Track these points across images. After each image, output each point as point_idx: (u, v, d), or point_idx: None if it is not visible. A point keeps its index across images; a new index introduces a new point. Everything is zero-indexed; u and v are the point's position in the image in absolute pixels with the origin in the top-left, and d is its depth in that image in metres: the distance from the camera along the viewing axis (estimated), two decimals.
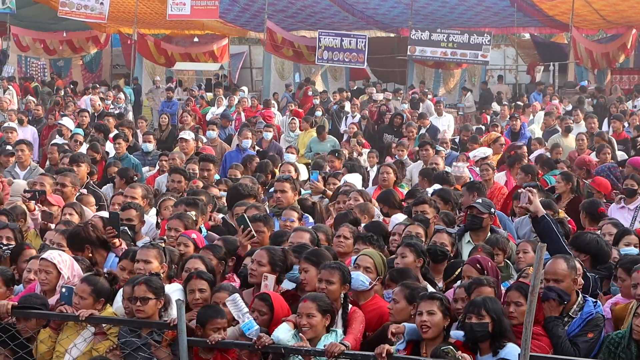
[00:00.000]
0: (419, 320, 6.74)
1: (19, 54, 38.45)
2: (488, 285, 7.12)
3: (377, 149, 19.20)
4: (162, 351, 7.04)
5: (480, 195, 10.81)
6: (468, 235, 9.55)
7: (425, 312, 6.72)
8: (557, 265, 7.11)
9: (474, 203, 9.63)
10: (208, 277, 7.65)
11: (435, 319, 6.72)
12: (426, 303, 6.76)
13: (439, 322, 6.73)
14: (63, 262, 7.81)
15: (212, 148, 16.56)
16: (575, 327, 7.01)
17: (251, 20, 37.36)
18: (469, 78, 38.25)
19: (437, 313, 6.72)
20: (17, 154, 14.59)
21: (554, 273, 7.09)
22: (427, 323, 6.70)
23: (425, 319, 6.70)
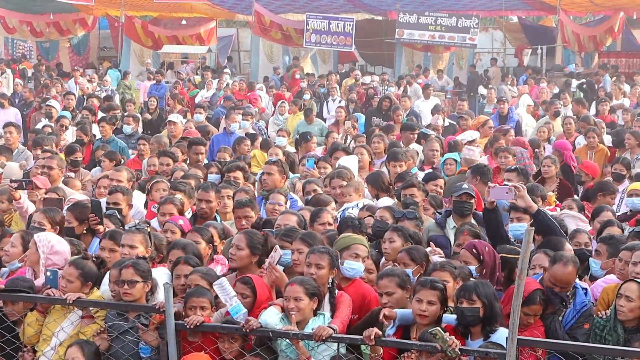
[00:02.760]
0: (417, 308, 6.72)
1: (5, 36, 38.32)
2: (442, 270, 7.14)
3: (365, 133, 19.16)
4: (150, 334, 7.03)
5: (484, 179, 10.79)
6: (452, 220, 9.51)
7: (426, 301, 6.70)
8: (570, 274, 7.12)
9: (466, 189, 9.57)
10: (195, 262, 7.64)
11: (434, 309, 6.71)
12: (427, 292, 6.73)
13: (436, 311, 6.73)
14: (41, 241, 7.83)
15: (197, 131, 16.50)
16: (570, 319, 7.05)
17: (239, 3, 37.26)
18: (457, 61, 38.23)
19: (436, 303, 6.71)
20: (5, 136, 14.54)
21: (567, 282, 7.12)
22: (425, 313, 6.70)
23: (425, 309, 6.69)
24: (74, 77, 28.93)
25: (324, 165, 12.76)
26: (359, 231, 8.41)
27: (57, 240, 7.95)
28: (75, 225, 8.82)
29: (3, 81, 28.63)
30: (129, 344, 7.09)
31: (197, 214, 9.76)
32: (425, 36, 34.42)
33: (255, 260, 7.60)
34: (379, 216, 9.15)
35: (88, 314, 7.33)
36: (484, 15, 37.46)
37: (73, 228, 8.79)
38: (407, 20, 34.30)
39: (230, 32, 42.44)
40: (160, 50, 36.64)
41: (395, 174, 11.94)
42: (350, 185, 10.63)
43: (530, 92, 26.56)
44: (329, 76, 30.71)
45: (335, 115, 20.59)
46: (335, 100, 24.34)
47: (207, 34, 38.65)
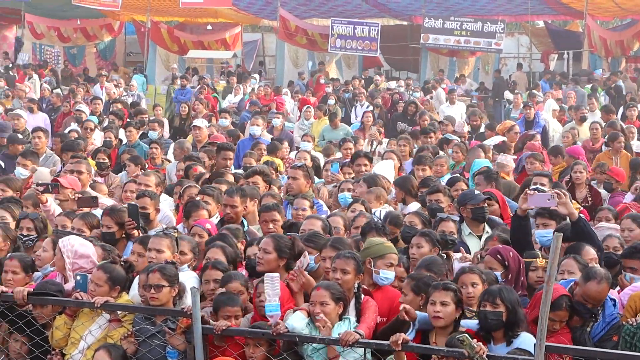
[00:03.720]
0: (432, 310, 6.73)
1: (33, 42, 38.60)
2: (471, 272, 7.16)
3: (390, 137, 19.15)
4: (177, 338, 7.06)
5: (498, 186, 10.77)
6: (466, 227, 9.49)
7: (439, 302, 6.71)
8: (603, 291, 7.04)
9: (486, 196, 9.55)
10: (224, 267, 7.67)
11: (448, 310, 6.71)
12: (440, 293, 6.74)
13: (451, 313, 6.72)
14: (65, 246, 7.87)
15: (223, 136, 16.53)
16: (600, 331, 7.00)
17: (264, 8, 37.33)
18: (483, 66, 38.13)
19: (450, 304, 6.71)
20: (33, 141, 14.62)
21: (599, 299, 7.04)
22: (439, 314, 6.70)
23: (439, 309, 6.70)
24: (100, 82, 29.05)
25: (348, 171, 12.77)
26: (382, 234, 8.41)
27: (80, 243, 7.98)
28: (115, 230, 8.84)
29: (30, 86, 28.77)
30: (156, 348, 7.11)
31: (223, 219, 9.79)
32: (450, 41, 34.36)
33: (283, 264, 7.61)
34: (408, 222, 9.14)
35: (116, 318, 7.37)
36: (510, 20, 37.35)
37: (114, 233, 8.81)
38: (432, 25, 34.26)
39: (256, 37, 42.55)
40: (185, 56, 36.74)
41: (420, 177, 11.95)
42: (371, 192, 10.63)
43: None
44: (353, 81, 30.69)
45: (362, 120, 20.53)
46: (363, 106, 24.34)
47: (233, 39, 38.77)
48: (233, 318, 7.02)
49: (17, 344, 7.56)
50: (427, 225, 9.09)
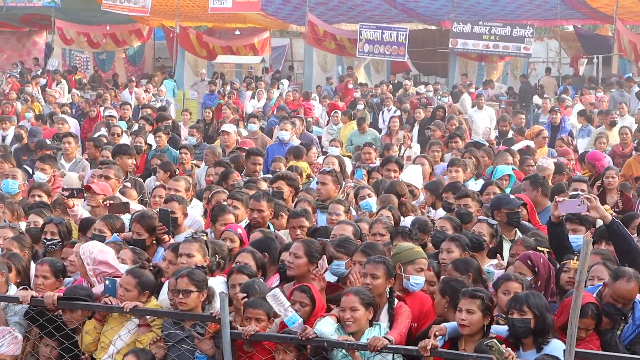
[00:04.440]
0: (458, 317, 6.71)
1: (63, 47, 38.85)
2: (516, 281, 7.10)
3: (419, 143, 19.15)
4: (205, 343, 7.08)
5: (545, 191, 10.73)
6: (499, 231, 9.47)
7: (465, 310, 6.69)
8: (633, 290, 6.95)
9: (521, 202, 9.54)
10: (250, 271, 7.68)
11: (474, 318, 6.67)
12: (467, 301, 6.71)
13: (477, 321, 6.68)
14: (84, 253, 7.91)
15: (252, 141, 16.56)
16: (630, 334, 6.92)
17: (292, 13, 37.39)
18: (512, 71, 37.97)
19: (476, 312, 6.67)
20: (63, 146, 14.70)
21: (629, 298, 6.96)
22: (465, 322, 6.68)
23: (464, 317, 6.67)
24: (129, 87, 29.20)
25: (377, 176, 12.77)
26: (409, 238, 8.40)
27: (99, 249, 7.99)
28: (145, 237, 8.85)
29: (59, 91, 28.99)
30: (185, 353, 7.12)
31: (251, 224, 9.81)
32: (479, 46, 34.27)
33: (313, 269, 7.60)
34: (439, 226, 9.12)
35: (145, 323, 7.39)
36: (539, 24, 37.14)
37: (144, 240, 8.82)
38: (461, 30, 34.18)
39: (284, 42, 42.60)
40: (214, 61, 36.86)
41: (453, 179, 11.95)
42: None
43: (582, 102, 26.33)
44: (381, 86, 30.68)
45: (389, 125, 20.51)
46: (391, 110, 24.31)
47: (261, 44, 38.81)
48: (254, 320, 7.01)
49: (47, 348, 7.60)
50: (458, 230, 9.07)
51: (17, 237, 8.84)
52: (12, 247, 8.61)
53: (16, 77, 32.84)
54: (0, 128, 19.52)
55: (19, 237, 8.86)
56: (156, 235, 8.97)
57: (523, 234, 9.22)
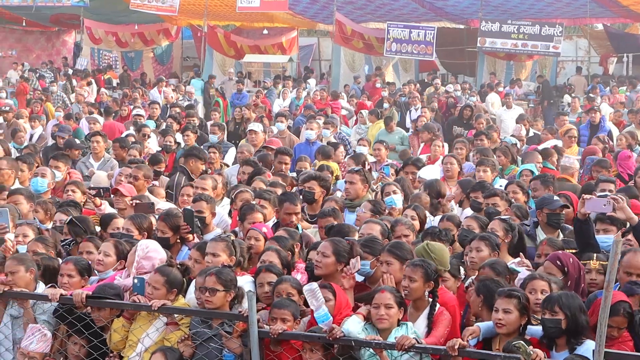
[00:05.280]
0: (495, 317, 6.70)
1: (91, 47, 39.05)
2: (541, 279, 7.07)
3: (447, 142, 19.10)
4: (233, 342, 7.08)
5: (555, 191, 10.70)
6: (541, 232, 9.44)
7: (502, 309, 6.67)
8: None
9: (563, 202, 9.52)
10: (277, 270, 7.69)
11: (511, 317, 6.65)
12: (503, 301, 6.70)
13: (514, 320, 6.66)
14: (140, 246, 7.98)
15: (279, 140, 16.58)
16: None
17: (320, 12, 37.38)
18: (540, 70, 37.80)
19: (513, 312, 6.65)
20: (92, 145, 14.77)
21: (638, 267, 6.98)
22: (502, 321, 6.66)
23: (501, 317, 6.65)
24: (159, 86, 29.30)
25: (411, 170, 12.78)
26: (438, 239, 8.37)
27: (155, 248, 8.06)
28: (170, 235, 8.86)
29: (89, 91, 29.14)
30: (213, 351, 7.13)
31: (279, 223, 9.80)
32: (507, 44, 34.11)
33: (341, 268, 7.58)
34: (466, 225, 9.09)
35: (173, 321, 7.40)
36: (568, 23, 36.95)
37: (168, 238, 8.82)
38: (489, 29, 34.04)
39: (312, 42, 42.61)
40: (242, 60, 36.92)
41: (481, 178, 11.92)
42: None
43: (611, 102, 26.19)
44: (408, 85, 30.63)
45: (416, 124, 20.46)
46: (418, 110, 24.25)
47: (289, 44, 38.86)
48: (280, 321, 7.01)
49: (76, 346, 7.63)
50: (484, 229, 9.03)
51: (40, 238, 8.89)
52: (37, 248, 8.66)
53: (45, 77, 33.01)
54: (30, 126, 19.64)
55: (42, 238, 8.91)
56: (180, 234, 8.98)
57: (564, 234, 9.20)
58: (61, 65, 38.69)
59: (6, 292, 7.76)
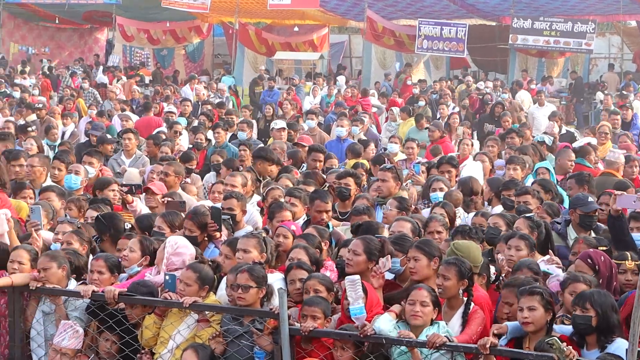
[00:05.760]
0: (520, 316, 6.67)
1: (123, 44, 39.19)
2: (584, 283, 7.01)
3: (478, 139, 19.05)
4: (264, 339, 7.10)
5: (590, 189, 10.64)
6: (572, 231, 9.39)
7: (526, 308, 6.65)
8: None
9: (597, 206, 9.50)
10: (308, 267, 7.70)
11: (537, 314, 6.63)
12: (526, 299, 6.67)
13: (540, 316, 6.64)
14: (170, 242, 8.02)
15: (310, 138, 16.58)
16: None
17: (351, 9, 37.33)
18: (572, 67, 37.57)
19: (538, 308, 6.63)
20: (124, 142, 14.83)
21: None
22: (528, 319, 6.63)
23: (526, 315, 6.63)
24: (190, 83, 29.38)
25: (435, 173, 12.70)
26: (468, 237, 8.34)
27: (184, 244, 8.08)
28: (197, 233, 8.84)
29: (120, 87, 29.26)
30: (244, 348, 7.16)
31: (310, 220, 9.80)
32: (539, 42, 33.92)
33: (372, 266, 7.58)
34: (492, 223, 9.06)
35: (204, 318, 7.42)
36: (601, 20, 36.65)
37: (196, 237, 8.78)
38: (521, 26, 33.88)
39: (343, 39, 42.57)
40: (273, 57, 36.95)
41: (511, 176, 11.87)
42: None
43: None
44: (440, 82, 30.54)
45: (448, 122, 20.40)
46: (449, 107, 24.18)
47: (320, 41, 38.85)
48: (310, 318, 7.02)
49: (108, 343, 7.66)
50: (510, 227, 8.99)
51: (77, 231, 8.94)
52: (71, 240, 8.73)
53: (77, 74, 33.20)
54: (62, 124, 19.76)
55: (79, 231, 8.96)
56: (208, 232, 8.99)
57: (597, 234, 9.15)
58: (93, 63, 38.89)
59: (39, 289, 7.82)
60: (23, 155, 12.26)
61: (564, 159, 13.39)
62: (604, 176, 12.19)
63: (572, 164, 13.28)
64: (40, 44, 42.06)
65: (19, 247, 8.29)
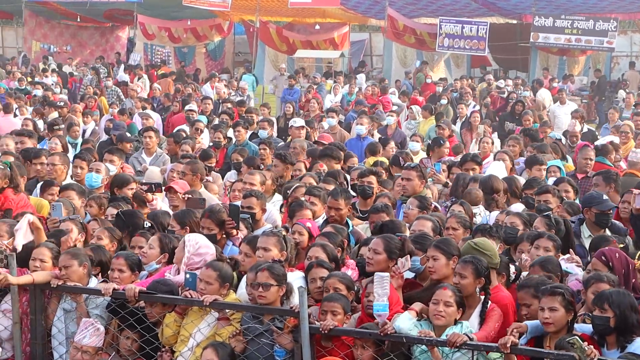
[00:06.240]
0: (542, 317, 6.65)
1: (145, 42, 39.31)
2: (607, 283, 6.97)
3: (499, 137, 18.99)
4: (284, 337, 7.10)
5: (617, 188, 10.61)
6: (586, 229, 9.36)
7: (547, 308, 6.63)
8: None
9: (613, 205, 9.48)
10: (329, 266, 7.69)
11: (558, 315, 6.61)
12: (547, 299, 6.65)
13: (561, 317, 6.62)
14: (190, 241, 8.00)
15: (330, 136, 16.58)
16: None
17: (372, 7, 37.31)
18: (594, 65, 37.42)
19: (559, 309, 6.61)
20: (144, 140, 14.86)
21: None
22: (549, 320, 6.61)
23: (547, 316, 6.61)
24: (211, 82, 29.42)
25: (456, 171, 12.68)
26: (488, 235, 8.31)
27: (205, 243, 8.08)
28: (216, 231, 8.85)
29: (141, 86, 29.34)
30: (264, 347, 7.16)
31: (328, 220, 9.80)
32: (561, 40, 33.81)
33: (392, 265, 7.57)
34: (510, 222, 9.03)
35: (224, 316, 7.43)
36: (623, 17, 36.43)
37: (215, 235, 8.79)
38: (542, 24, 33.77)
39: (363, 37, 42.54)
40: (294, 55, 36.97)
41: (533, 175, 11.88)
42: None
43: None
44: (461, 80, 30.47)
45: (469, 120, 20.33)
46: (470, 105, 24.10)
47: (341, 39, 38.85)
48: (330, 314, 7.02)
49: (128, 341, 7.69)
50: (528, 226, 8.97)
51: (109, 228, 9.03)
52: (102, 235, 8.80)
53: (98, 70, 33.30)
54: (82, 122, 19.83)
55: (111, 228, 9.04)
56: (225, 230, 8.99)
57: (612, 232, 9.11)
58: (114, 61, 39.01)
59: (60, 286, 7.85)
60: (44, 153, 12.33)
61: (582, 157, 13.34)
62: (627, 176, 12.14)
63: (590, 162, 13.20)
64: (62, 42, 42.23)
65: (41, 245, 8.32)
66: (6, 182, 10.02)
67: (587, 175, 12.89)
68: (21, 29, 42.57)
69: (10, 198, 10.00)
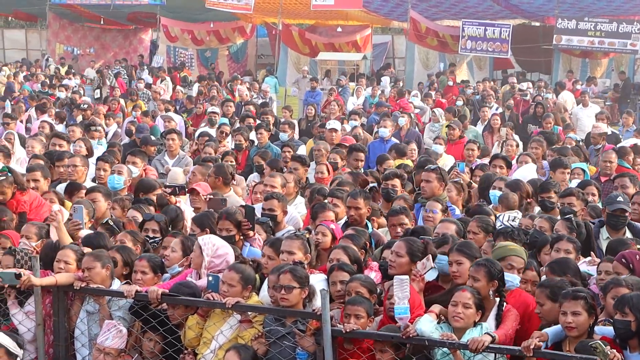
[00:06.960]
0: (564, 321, 6.61)
1: (168, 45, 39.46)
2: (626, 287, 6.93)
3: (522, 140, 18.91)
4: (307, 340, 7.10)
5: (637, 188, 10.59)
6: (605, 231, 9.33)
7: (570, 312, 6.59)
8: None
9: (622, 205, 9.40)
10: (350, 269, 7.69)
11: (581, 319, 6.58)
12: (570, 303, 6.61)
13: (584, 322, 6.59)
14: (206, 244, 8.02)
15: (352, 138, 16.55)
16: None
17: (395, 10, 37.29)
18: (617, 67, 37.24)
19: (582, 313, 6.58)
20: (167, 142, 14.90)
21: None
22: (572, 324, 6.58)
23: (570, 320, 6.57)
24: (234, 84, 29.48)
25: (479, 174, 12.65)
26: (510, 238, 8.28)
27: (222, 244, 8.09)
28: (234, 232, 8.83)
29: (164, 88, 29.44)
30: (286, 349, 7.17)
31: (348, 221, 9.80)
32: (584, 42, 33.66)
33: (415, 268, 7.56)
34: (538, 226, 9.00)
35: (246, 319, 7.44)
36: None
37: (233, 236, 8.77)
38: (565, 26, 33.64)
39: (386, 39, 42.52)
40: (316, 58, 36.99)
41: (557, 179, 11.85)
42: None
43: None
44: (483, 83, 30.40)
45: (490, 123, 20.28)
46: (492, 108, 24.02)
47: (363, 41, 38.84)
48: (353, 317, 7.02)
49: (151, 343, 7.70)
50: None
51: (132, 232, 9.05)
52: (125, 239, 8.82)
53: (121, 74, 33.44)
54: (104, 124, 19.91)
55: (134, 232, 9.06)
56: (242, 231, 8.99)
57: (633, 234, 9.07)
58: (137, 63, 39.16)
59: (82, 288, 7.88)
60: (66, 155, 12.39)
61: (603, 160, 13.28)
62: None
63: (611, 164, 13.13)
64: (86, 45, 42.47)
65: (66, 246, 8.37)
66: (15, 188, 10.09)
67: (609, 178, 12.83)
68: (45, 31, 42.86)
69: (23, 201, 10.10)
